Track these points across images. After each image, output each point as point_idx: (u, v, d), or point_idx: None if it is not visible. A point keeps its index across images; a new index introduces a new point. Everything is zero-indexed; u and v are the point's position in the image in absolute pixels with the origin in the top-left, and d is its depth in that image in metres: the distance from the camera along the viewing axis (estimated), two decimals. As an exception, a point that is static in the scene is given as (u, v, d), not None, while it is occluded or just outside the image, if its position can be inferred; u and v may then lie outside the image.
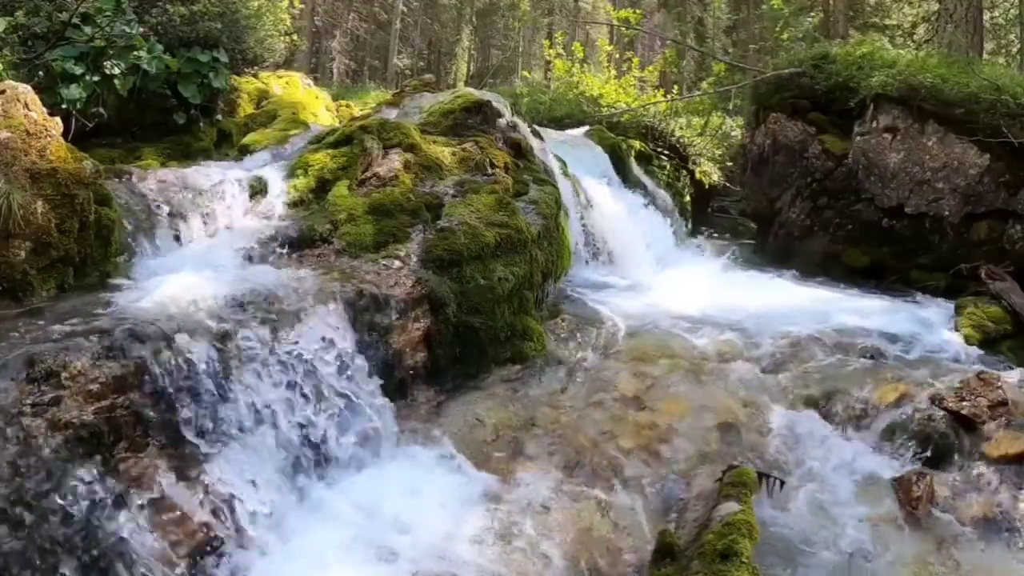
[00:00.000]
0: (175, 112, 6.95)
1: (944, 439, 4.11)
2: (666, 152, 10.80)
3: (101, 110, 6.24)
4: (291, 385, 3.78)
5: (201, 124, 7.26)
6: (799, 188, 8.43)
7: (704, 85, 14.41)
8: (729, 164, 11.56)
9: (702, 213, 11.25)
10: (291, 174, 5.67)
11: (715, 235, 10.51)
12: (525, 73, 22.20)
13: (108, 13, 6.26)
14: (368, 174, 5.71)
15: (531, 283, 5.50)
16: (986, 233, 7.10)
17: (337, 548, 3.38)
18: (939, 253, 7.34)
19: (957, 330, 5.67)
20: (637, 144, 10.26)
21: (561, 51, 14.66)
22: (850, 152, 8.02)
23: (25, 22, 6.12)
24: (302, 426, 3.77)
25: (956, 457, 4.07)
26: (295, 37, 14.82)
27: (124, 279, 4.29)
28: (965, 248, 7.16)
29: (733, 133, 12.14)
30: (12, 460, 2.71)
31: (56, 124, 4.13)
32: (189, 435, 3.27)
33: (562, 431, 4.42)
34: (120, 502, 2.92)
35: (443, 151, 6.26)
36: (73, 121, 5.79)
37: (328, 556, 3.33)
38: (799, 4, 18.19)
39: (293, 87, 9.60)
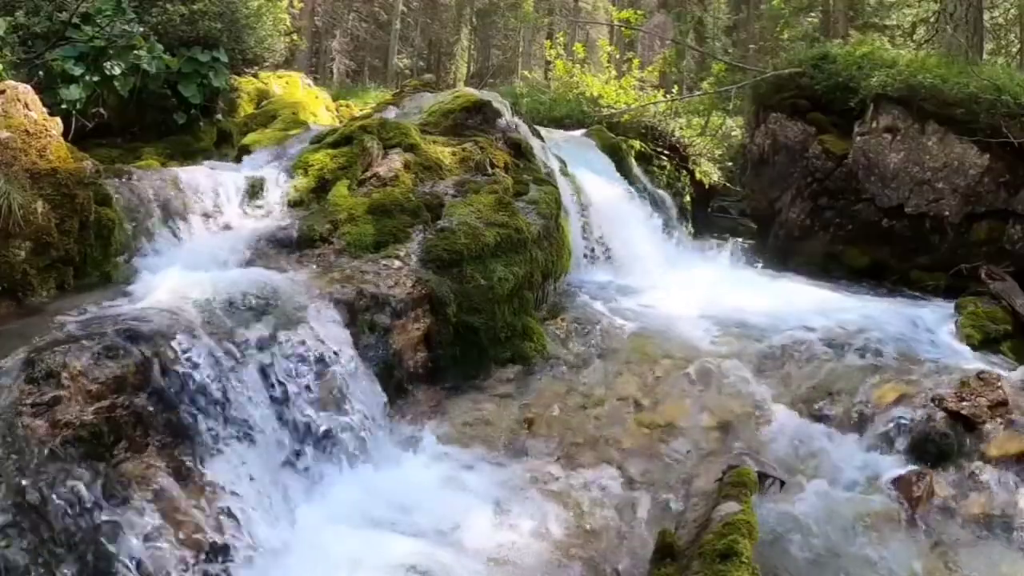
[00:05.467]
0: (175, 112, 6.96)
1: (944, 439, 4.11)
2: (666, 152, 10.79)
3: (101, 110, 6.25)
4: (290, 385, 3.78)
5: (201, 124, 7.27)
6: (799, 188, 8.43)
7: (704, 85, 14.38)
8: (729, 164, 11.54)
9: (702, 213, 11.23)
10: (291, 174, 5.67)
11: (715, 235, 10.50)
12: (525, 73, 22.19)
13: (108, 13, 6.28)
14: (368, 174, 5.71)
15: (531, 283, 5.49)
16: (986, 233, 7.10)
17: (337, 547, 3.38)
18: (939, 253, 7.33)
19: (957, 330, 5.66)
20: (637, 144, 10.25)
21: (561, 51, 14.64)
22: (850, 152, 8.01)
23: (25, 22, 6.14)
24: (302, 426, 3.77)
25: (956, 457, 4.06)
26: (295, 37, 14.83)
27: (124, 279, 4.29)
28: (965, 248, 7.15)
29: (733, 133, 12.13)
30: (12, 460, 2.71)
31: (56, 124, 4.14)
32: (189, 435, 3.27)
33: (562, 431, 4.42)
34: (120, 503, 2.92)
35: (443, 151, 6.26)
36: (73, 121, 5.80)
37: (329, 555, 3.32)
38: (799, 4, 18.19)
39: (293, 87, 9.61)
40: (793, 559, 3.46)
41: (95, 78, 6.10)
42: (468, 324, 4.84)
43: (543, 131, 8.26)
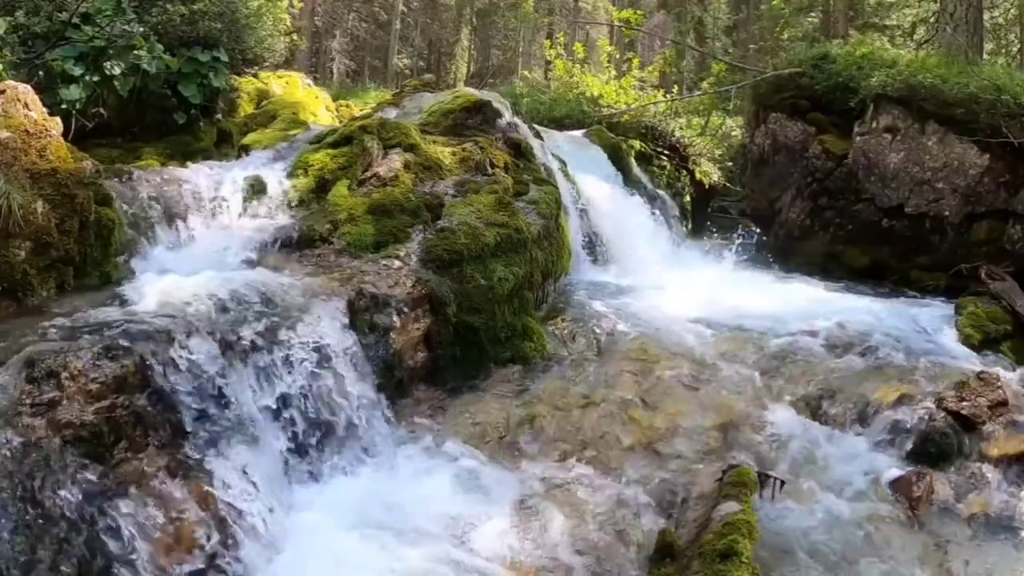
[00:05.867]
0: (175, 112, 6.95)
1: (944, 439, 4.11)
2: (666, 152, 10.79)
3: (101, 110, 6.25)
4: (290, 385, 3.78)
5: (201, 124, 7.26)
6: (799, 188, 8.43)
7: (704, 85, 14.38)
8: (729, 164, 11.53)
9: (702, 213, 11.24)
10: (291, 174, 5.67)
11: (715, 235, 10.50)
12: (525, 73, 22.17)
13: (108, 13, 6.27)
14: (368, 174, 5.71)
15: (531, 283, 5.49)
16: (986, 233, 7.10)
17: (336, 549, 3.38)
18: (939, 253, 7.33)
19: (957, 330, 5.66)
20: (637, 144, 10.25)
21: (561, 51, 14.64)
22: (850, 152, 8.01)
23: (25, 22, 6.14)
24: (301, 427, 3.77)
25: (956, 457, 4.07)
26: (295, 37, 14.82)
27: (124, 279, 4.29)
28: (965, 248, 7.15)
29: (733, 133, 12.12)
30: (12, 460, 2.71)
31: (56, 124, 4.13)
32: (188, 435, 3.27)
33: (562, 431, 4.42)
34: (119, 503, 2.92)
35: (443, 151, 6.26)
36: (73, 121, 5.79)
37: (328, 558, 3.33)
38: (799, 4, 18.19)
39: (293, 87, 9.61)
40: (793, 559, 3.46)
41: (95, 78, 6.09)
42: (468, 324, 4.84)
43: (543, 131, 8.26)
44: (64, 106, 5.77)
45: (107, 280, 4.25)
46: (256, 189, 5.45)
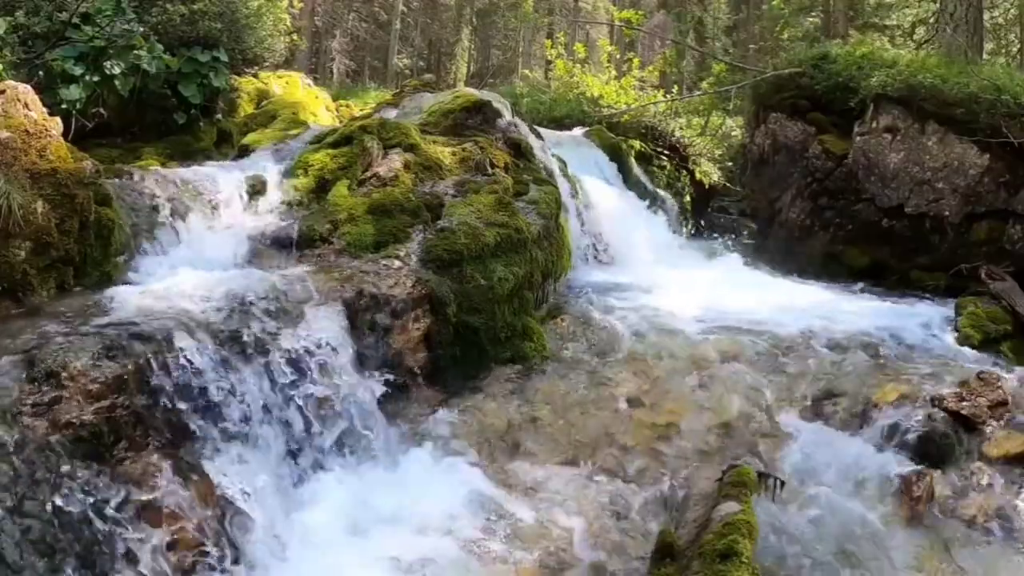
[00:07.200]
0: (175, 112, 6.95)
1: (944, 439, 4.11)
2: (666, 152, 10.79)
3: (101, 110, 6.25)
4: (291, 385, 3.78)
5: (201, 124, 7.26)
6: (799, 188, 8.43)
7: (704, 85, 14.39)
8: (729, 164, 11.54)
9: (702, 213, 11.24)
10: (291, 174, 5.67)
11: (715, 235, 10.51)
12: (525, 73, 22.16)
13: (108, 13, 6.27)
14: (368, 174, 5.71)
15: (531, 283, 5.49)
16: (986, 233, 7.09)
17: (336, 548, 3.38)
18: (939, 253, 7.33)
19: (957, 330, 5.66)
20: (637, 144, 10.25)
21: (562, 51, 14.64)
22: (850, 152, 8.01)
23: (25, 22, 6.14)
24: (301, 427, 3.77)
25: (956, 457, 4.06)
26: (295, 37, 14.82)
27: (124, 279, 4.29)
28: (965, 248, 7.15)
29: (733, 133, 12.12)
30: (12, 460, 2.71)
31: (56, 124, 4.14)
32: (189, 435, 3.27)
33: (562, 431, 4.42)
34: (120, 503, 2.92)
35: (443, 151, 6.26)
36: (73, 121, 5.79)
37: (328, 556, 3.33)
38: (799, 4, 18.20)
39: (293, 87, 9.61)
40: (793, 559, 3.46)
41: (95, 78, 6.09)
42: (468, 324, 4.84)
43: (543, 131, 8.26)
44: (64, 106, 5.77)
45: (107, 280, 4.25)
46: (256, 189, 5.45)
